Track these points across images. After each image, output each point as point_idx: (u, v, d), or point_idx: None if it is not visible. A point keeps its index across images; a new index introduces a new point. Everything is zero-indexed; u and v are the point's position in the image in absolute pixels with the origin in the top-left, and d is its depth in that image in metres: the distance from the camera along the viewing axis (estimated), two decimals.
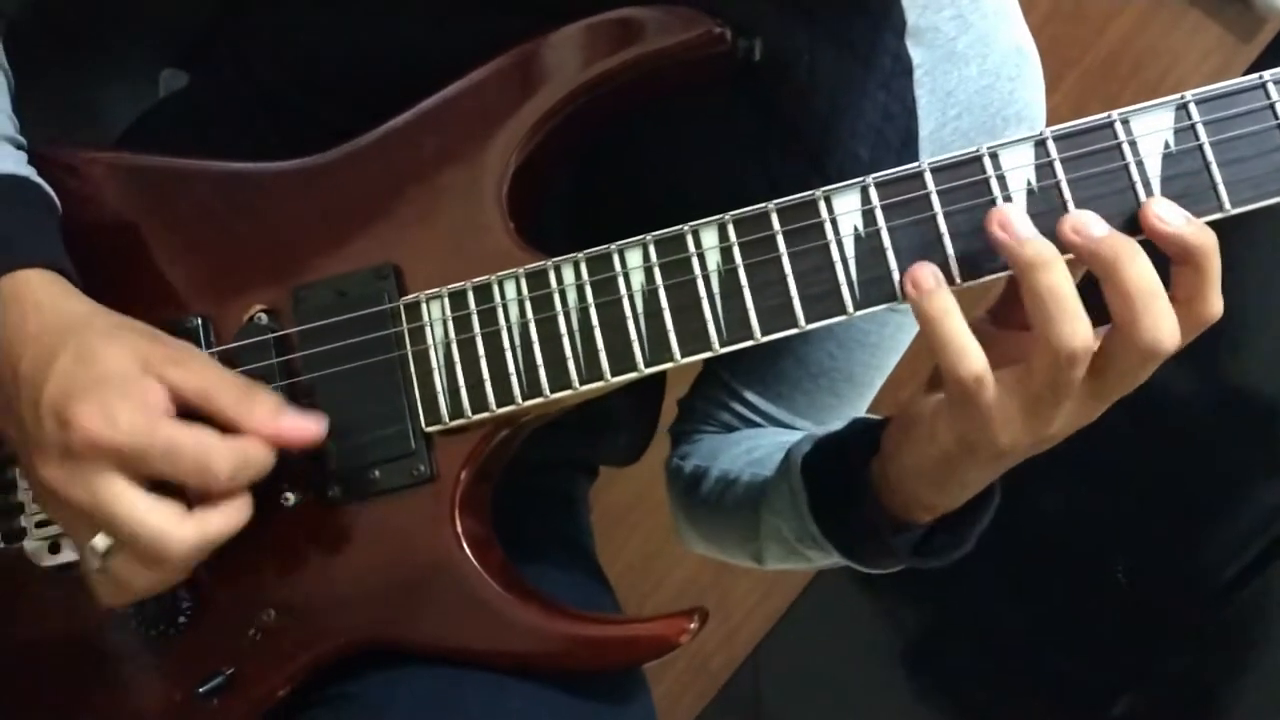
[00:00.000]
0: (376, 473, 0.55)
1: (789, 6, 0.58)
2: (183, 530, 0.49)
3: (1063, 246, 0.46)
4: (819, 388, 0.71)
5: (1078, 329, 0.45)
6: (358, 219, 0.58)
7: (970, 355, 0.46)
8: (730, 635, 1.69)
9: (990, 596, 1.51)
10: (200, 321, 0.58)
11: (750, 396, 0.73)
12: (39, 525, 0.57)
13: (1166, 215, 0.46)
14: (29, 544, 0.57)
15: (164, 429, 0.48)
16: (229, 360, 0.57)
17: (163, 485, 0.50)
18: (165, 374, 0.50)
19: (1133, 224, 0.48)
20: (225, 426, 0.50)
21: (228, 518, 0.50)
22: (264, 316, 0.58)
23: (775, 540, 0.64)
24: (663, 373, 0.53)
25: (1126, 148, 0.49)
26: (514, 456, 0.70)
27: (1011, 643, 1.54)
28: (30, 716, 0.56)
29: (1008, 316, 0.51)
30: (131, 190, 0.61)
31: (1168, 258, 0.47)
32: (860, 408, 0.73)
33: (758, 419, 0.73)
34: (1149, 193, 0.48)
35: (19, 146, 0.60)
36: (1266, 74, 0.48)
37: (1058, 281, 0.45)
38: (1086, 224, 0.46)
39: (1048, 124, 0.49)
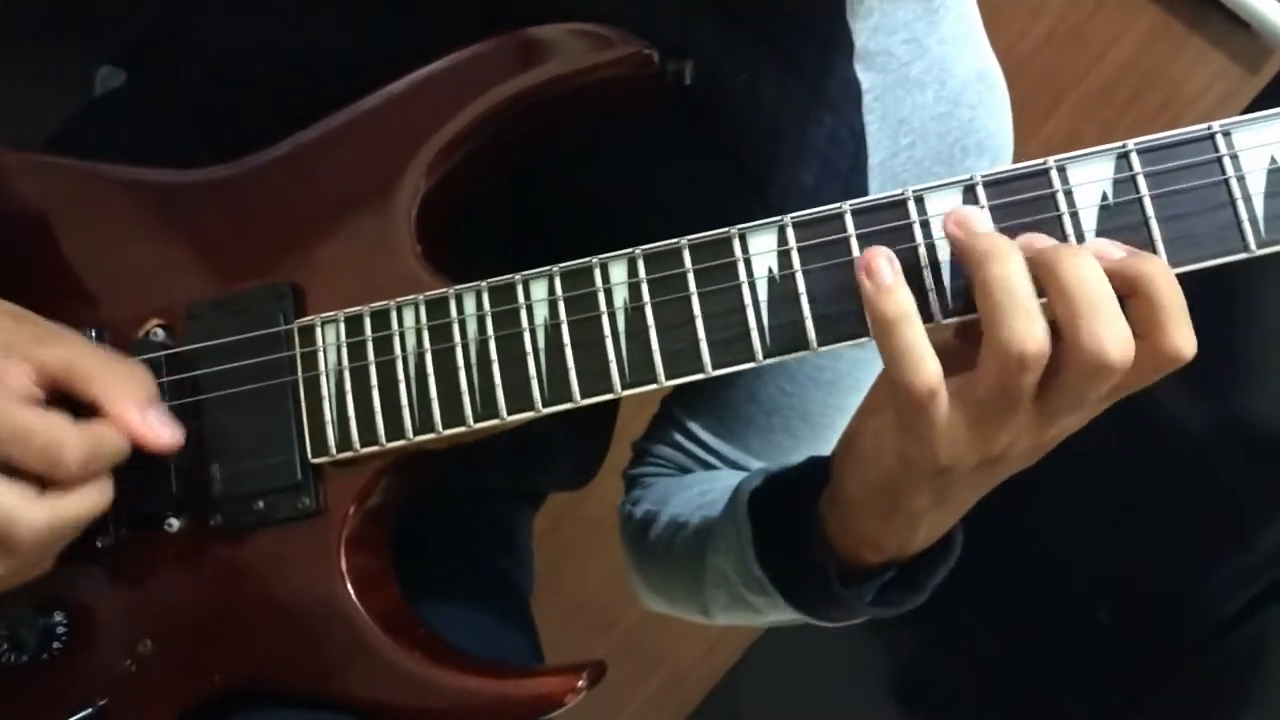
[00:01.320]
0: (261, 503, 0.52)
1: (728, 27, 0.55)
2: (32, 512, 0.47)
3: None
4: (773, 426, 0.67)
5: (1030, 329, 0.41)
6: (262, 234, 0.55)
7: (926, 365, 0.42)
8: (710, 649, 1.66)
9: (982, 621, 1.48)
10: (94, 333, 0.55)
11: (703, 434, 0.69)
12: None
13: (1103, 249, 0.43)
14: None
15: (12, 413, 0.47)
16: None
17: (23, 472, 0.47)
18: (30, 353, 0.48)
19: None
20: (91, 408, 0.49)
21: (82, 501, 0.48)
22: (160, 332, 0.55)
23: (720, 586, 0.61)
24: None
25: (1061, 197, 0.45)
26: (441, 484, 0.67)
27: (1003, 670, 1.51)
28: None
29: (973, 330, 0.46)
30: (39, 192, 0.58)
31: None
32: (820, 450, 0.69)
33: (712, 459, 0.70)
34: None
35: None
36: (1215, 124, 0.45)
37: (1010, 273, 0.41)
38: (1033, 237, 0.43)
39: (1042, 153, 0.45)
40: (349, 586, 0.52)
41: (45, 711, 0.52)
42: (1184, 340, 0.42)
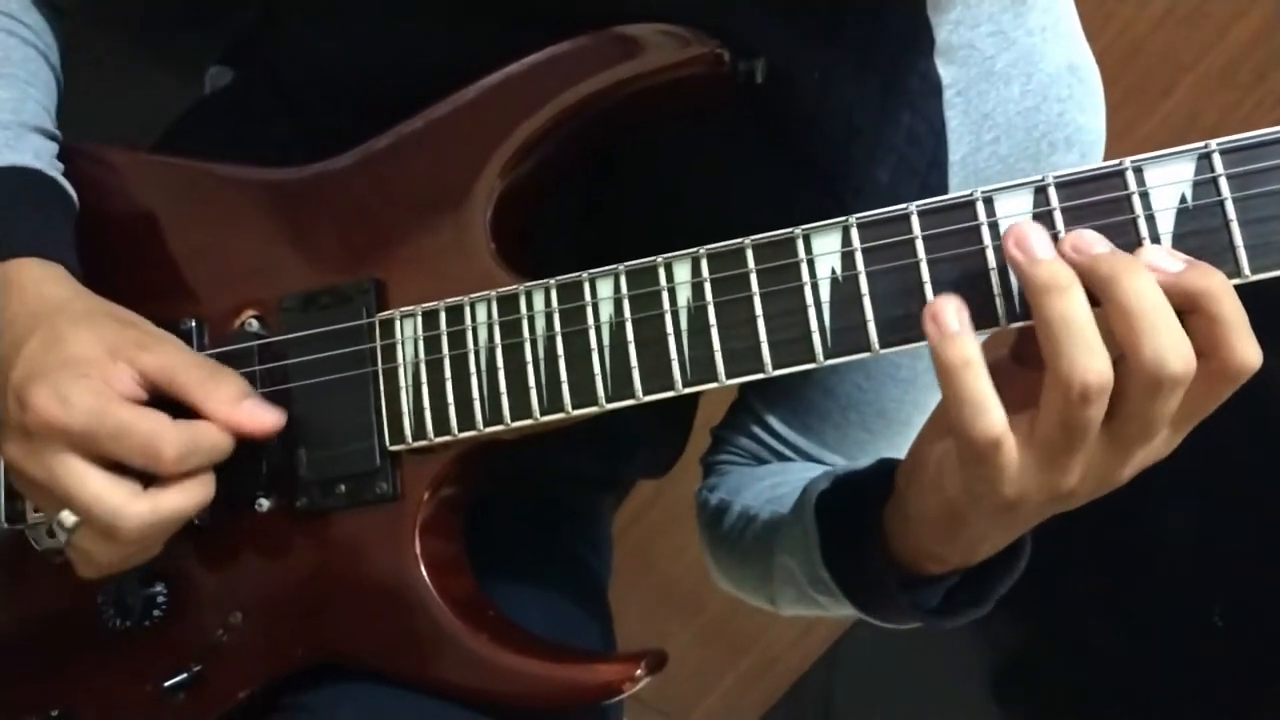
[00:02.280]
0: (342, 487, 0.55)
1: (802, 25, 0.55)
2: (135, 507, 0.50)
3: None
4: (849, 421, 0.67)
5: (1091, 362, 0.40)
6: (349, 231, 0.58)
7: (989, 414, 0.42)
8: (803, 634, 1.65)
9: (1088, 617, 1.44)
10: (195, 324, 0.59)
11: (779, 427, 0.69)
12: (37, 510, 0.59)
13: (1159, 262, 0.41)
14: (28, 526, 0.59)
15: (115, 412, 0.50)
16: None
17: (127, 467, 0.51)
18: (133, 358, 0.51)
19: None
20: (192, 410, 0.52)
21: (182, 497, 0.51)
22: (254, 323, 0.58)
23: (788, 583, 0.61)
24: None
25: (1136, 199, 0.44)
26: (520, 470, 0.69)
27: (1107, 667, 1.46)
28: (10, 694, 0.59)
29: (1030, 353, 0.45)
30: (147, 188, 0.62)
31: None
32: (898, 446, 0.67)
33: (788, 452, 0.70)
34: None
35: (51, 138, 0.62)
36: None
37: (1070, 308, 0.41)
38: (1089, 242, 0.42)
39: (1158, 134, 0.44)
40: (423, 569, 0.54)
41: (146, 673, 0.57)
42: (1249, 353, 0.40)
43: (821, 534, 0.56)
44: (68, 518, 0.51)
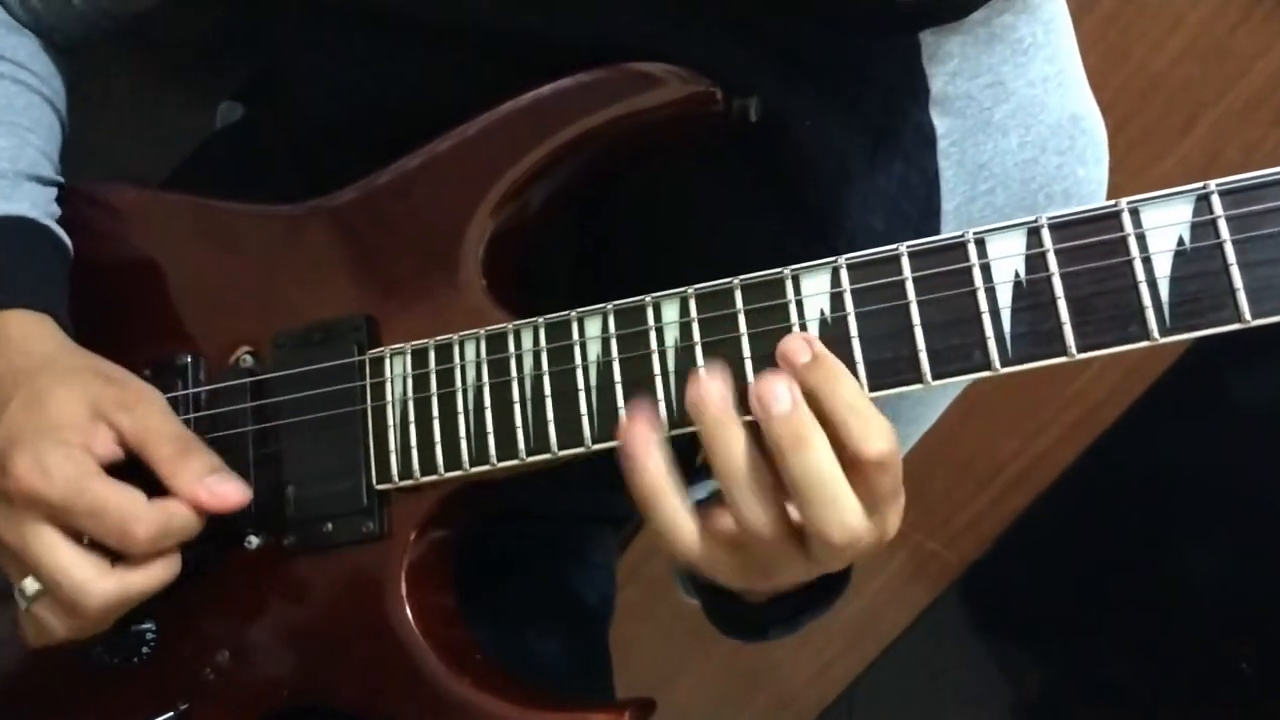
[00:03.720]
0: (329, 525, 0.55)
1: (792, 76, 0.54)
2: (103, 584, 0.50)
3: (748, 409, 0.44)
4: None
5: (761, 514, 0.44)
6: (342, 267, 0.58)
7: (682, 534, 0.46)
8: (823, 669, 1.62)
9: (1114, 657, 1.41)
10: (190, 359, 0.59)
11: None
12: None
13: (765, 396, 0.44)
14: None
15: (91, 488, 0.49)
16: (212, 399, 0.58)
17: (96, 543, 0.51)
18: (112, 418, 0.51)
19: (1138, 325, 0.42)
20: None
21: (150, 576, 0.51)
22: (248, 359, 0.58)
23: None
24: None
25: (1133, 241, 0.43)
26: (516, 507, 0.69)
27: (1132, 708, 1.43)
28: None
29: None
30: (146, 225, 0.63)
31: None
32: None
33: None
34: (1154, 294, 0.42)
35: (50, 184, 0.63)
36: None
37: (732, 455, 0.44)
38: (771, 398, 0.44)
39: (1177, 173, 0.44)
40: (408, 610, 0.53)
41: (134, 711, 0.56)
42: (872, 444, 0.43)
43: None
44: (30, 585, 0.51)
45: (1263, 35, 1.10)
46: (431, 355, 0.53)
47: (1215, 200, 0.42)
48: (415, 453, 0.53)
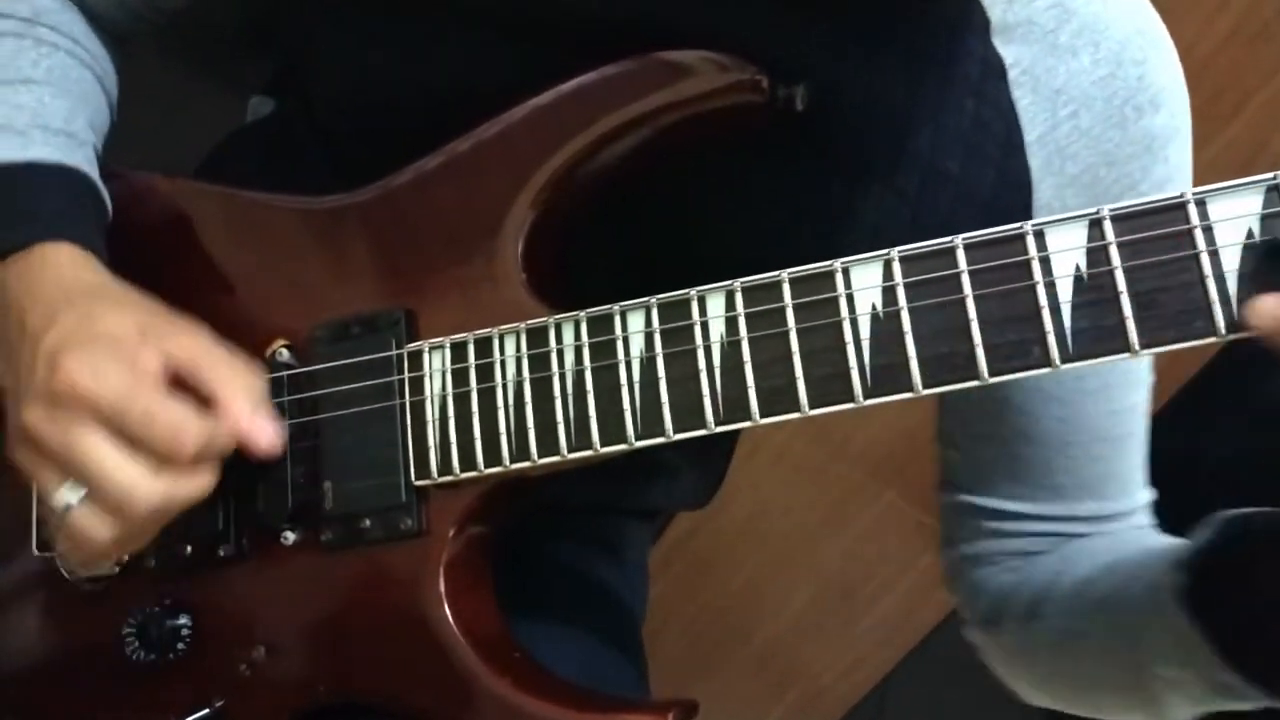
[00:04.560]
0: (368, 521, 0.54)
1: (846, 31, 0.53)
2: (151, 485, 0.50)
3: None
4: (1073, 459, 0.61)
5: None
6: (380, 260, 0.57)
7: None
8: (851, 666, 1.61)
9: None
10: None
11: (1010, 505, 0.63)
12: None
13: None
14: (58, 554, 0.59)
15: (146, 393, 0.50)
16: None
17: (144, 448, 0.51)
18: (162, 343, 0.52)
19: (1204, 321, 0.41)
20: (206, 402, 0.52)
21: (192, 485, 0.51)
22: (285, 352, 0.57)
23: (1176, 690, 0.53)
24: None
25: (1199, 234, 0.41)
26: (553, 502, 0.68)
27: None
28: None
29: None
30: (181, 215, 0.62)
31: None
32: (1135, 461, 0.62)
33: (1032, 526, 0.63)
34: (1221, 289, 0.41)
35: (96, 157, 0.63)
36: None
37: None
38: None
39: (1221, 159, 0.42)
40: (446, 607, 0.52)
41: (169, 707, 0.56)
42: None
43: (1209, 636, 0.48)
44: (69, 492, 0.51)
45: None
46: (471, 349, 0.53)
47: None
48: (455, 449, 0.52)
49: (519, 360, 0.51)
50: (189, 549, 0.57)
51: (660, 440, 0.49)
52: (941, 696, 1.56)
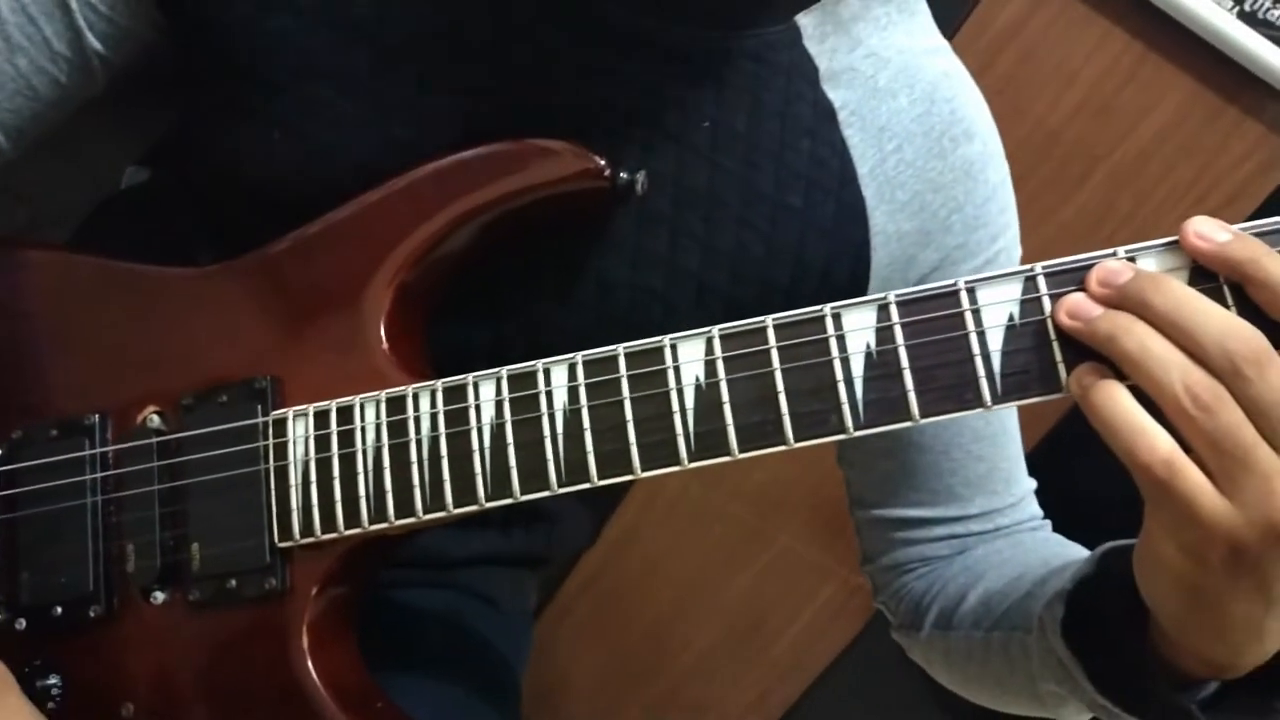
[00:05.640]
0: (233, 582, 0.56)
1: (693, 82, 0.59)
2: None
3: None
4: (960, 459, 0.67)
5: (1186, 375, 0.41)
6: (249, 328, 0.60)
7: (1146, 435, 0.42)
8: (759, 698, 1.65)
9: None
10: (97, 418, 0.60)
11: (914, 512, 0.69)
12: None
13: (1206, 230, 0.44)
14: None
15: None
16: (119, 458, 0.59)
17: None
18: None
19: (973, 394, 0.46)
20: None
21: None
22: (155, 419, 0.60)
23: (1065, 704, 0.57)
24: None
25: (969, 316, 0.47)
26: (427, 555, 0.71)
27: None
28: None
29: None
30: (54, 284, 0.63)
31: None
32: (1010, 451, 0.69)
33: (940, 530, 0.69)
34: (988, 366, 0.46)
35: None
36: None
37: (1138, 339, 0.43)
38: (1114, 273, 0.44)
39: (1073, 222, 0.47)
40: (309, 661, 0.55)
41: None
42: None
43: (1086, 667, 0.52)
44: None
45: (1148, 94, 1.17)
46: (333, 417, 0.56)
47: (1040, 280, 0.46)
48: (317, 511, 0.55)
49: (379, 427, 0.55)
50: (59, 610, 0.59)
51: (508, 501, 0.52)
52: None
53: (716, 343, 0.50)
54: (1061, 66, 1.18)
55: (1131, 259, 0.46)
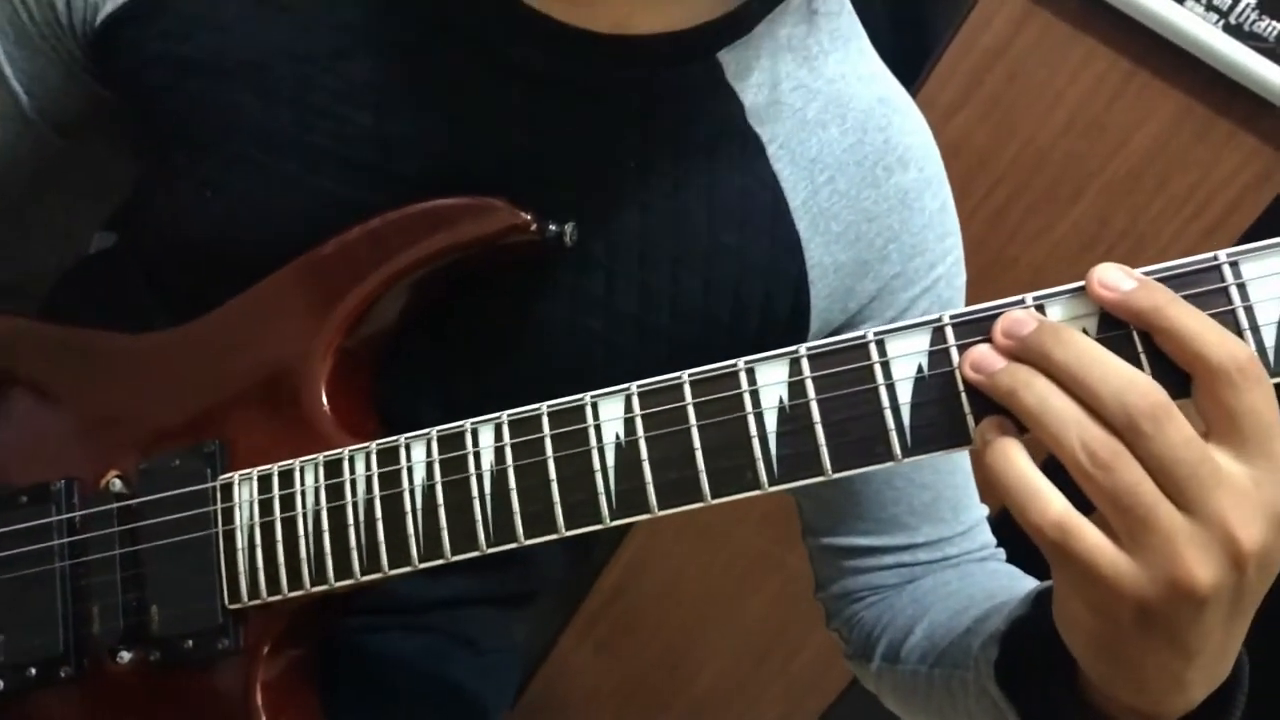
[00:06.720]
0: (190, 642, 0.58)
1: (614, 129, 0.59)
2: None
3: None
4: (901, 487, 0.68)
5: (1085, 434, 0.41)
6: (199, 392, 0.61)
7: (1040, 497, 0.42)
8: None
9: None
10: (64, 485, 0.62)
11: (861, 541, 0.69)
12: None
13: (1110, 280, 0.43)
14: None
15: None
16: (84, 523, 0.61)
17: None
18: None
19: (884, 447, 0.47)
20: None
21: None
22: (117, 483, 0.62)
23: None
24: None
25: (878, 369, 0.47)
26: (399, 601, 0.72)
27: None
28: None
29: None
30: (20, 353, 0.66)
31: None
32: (957, 479, 0.69)
33: (887, 559, 0.69)
34: (897, 419, 0.46)
35: None
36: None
37: (1039, 396, 0.42)
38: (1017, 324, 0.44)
39: (1070, 235, 0.47)
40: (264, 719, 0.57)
41: None
42: (1220, 344, 0.41)
43: (1019, 709, 0.52)
44: None
45: (1136, 109, 1.16)
46: (275, 481, 0.57)
47: (949, 331, 0.46)
48: (262, 573, 0.56)
49: (317, 490, 0.56)
50: (33, 671, 0.61)
51: (440, 561, 0.53)
52: None
53: (635, 400, 0.51)
54: (1048, 85, 1.17)
55: (1040, 307, 0.45)
